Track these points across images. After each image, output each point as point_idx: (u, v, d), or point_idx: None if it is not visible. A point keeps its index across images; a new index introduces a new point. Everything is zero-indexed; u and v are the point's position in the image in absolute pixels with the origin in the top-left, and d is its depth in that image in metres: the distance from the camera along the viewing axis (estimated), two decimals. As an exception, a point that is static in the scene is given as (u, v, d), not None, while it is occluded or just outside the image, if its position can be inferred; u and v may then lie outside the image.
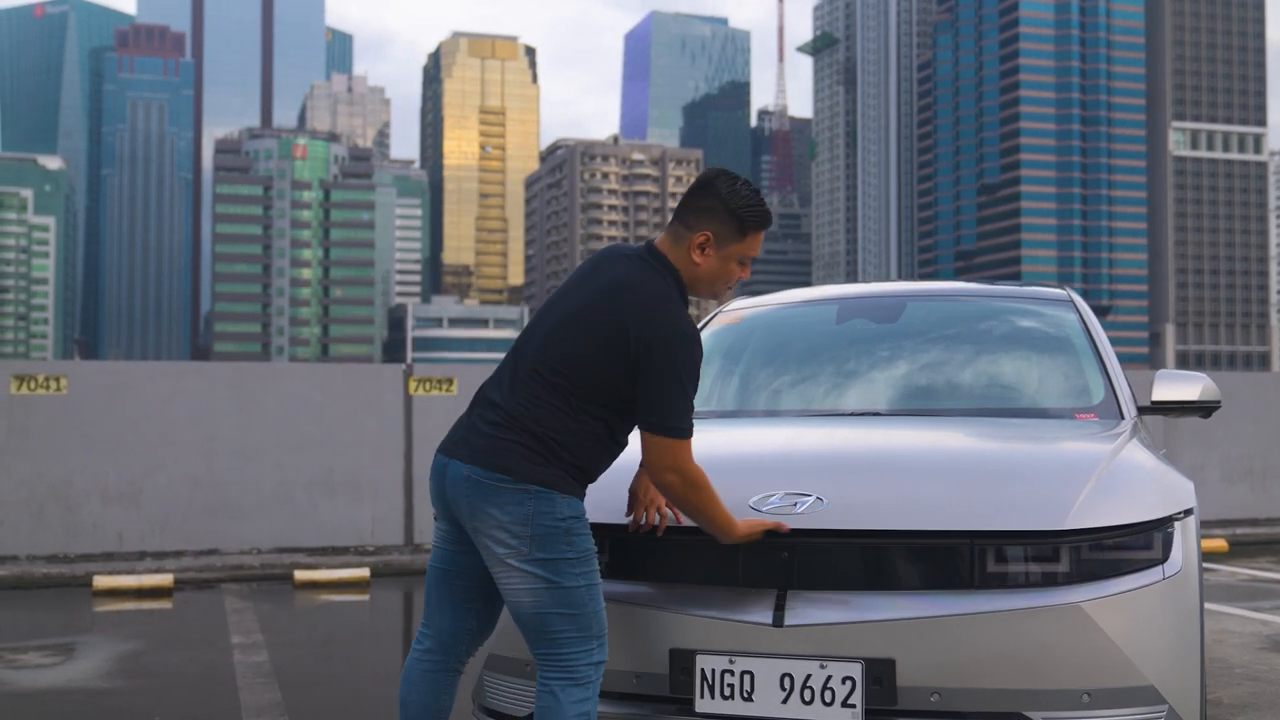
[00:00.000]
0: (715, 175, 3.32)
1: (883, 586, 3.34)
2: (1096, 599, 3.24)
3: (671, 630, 3.39)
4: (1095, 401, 4.42)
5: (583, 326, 3.23)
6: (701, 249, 3.25)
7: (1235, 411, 12.28)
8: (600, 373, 3.20)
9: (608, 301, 3.21)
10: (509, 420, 3.22)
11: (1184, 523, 3.55)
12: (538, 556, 3.17)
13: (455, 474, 3.23)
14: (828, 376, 4.89)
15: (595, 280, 3.30)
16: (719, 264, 3.29)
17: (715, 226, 3.25)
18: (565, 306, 3.30)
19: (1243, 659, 6.24)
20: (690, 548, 3.51)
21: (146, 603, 8.50)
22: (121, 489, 9.78)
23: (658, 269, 3.26)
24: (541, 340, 3.28)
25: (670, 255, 3.29)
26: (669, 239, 3.32)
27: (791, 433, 4.25)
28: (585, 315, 3.23)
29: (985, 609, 3.23)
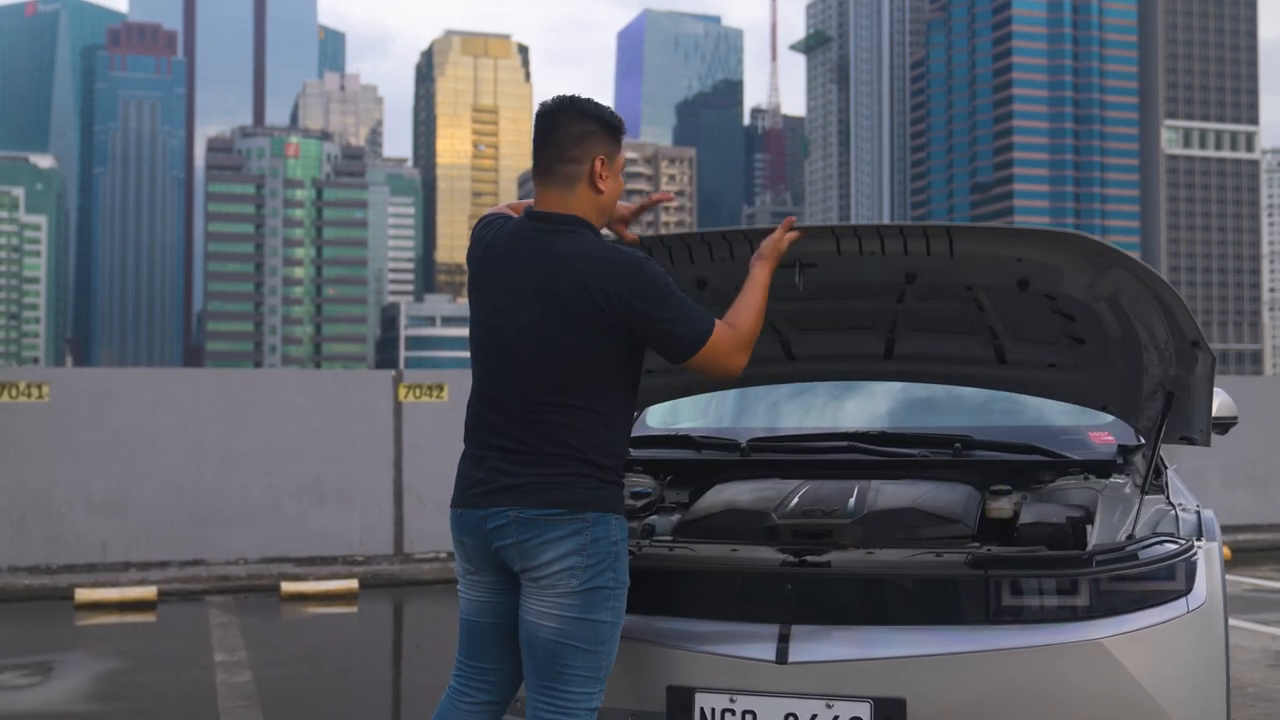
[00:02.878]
0: (567, 100, 3.08)
1: (892, 621, 3.16)
2: (1118, 635, 3.07)
3: (669, 666, 3.22)
4: (1108, 420, 4.24)
5: (560, 333, 2.97)
6: (601, 176, 3.05)
7: (1238, 416, 12.10)
8: (608, 361, 3.00)
9: (568, 294, 2.95)
10: (540, 454, 2.98)
11: (1207, 550, 3.37)
12: (585, 586, 2.96)
13: (499, 522, 2.99)
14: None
15: (526, 279, 3.02)
16: (615, 182, 3.10)
17: (601, 147, 3.05)
18: (518, 318, 3.02)
19: (1254, 677, 6.07)
20: (689, 579, 3.34)
21: (129, 616, 8.32)
22: (106, 498, 9.59)
23: (569, 227, 3.02)
24: (528, 362, 3.01)
25: (569, 207, 3.04)
26: (558, 191, 3.04)
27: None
28: (554, 321, 2.97)
29: (1001, 645, 3.06)
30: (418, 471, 10.17)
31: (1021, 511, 3.67)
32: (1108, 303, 3.46)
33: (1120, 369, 3.76)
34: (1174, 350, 3.50)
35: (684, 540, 3.67)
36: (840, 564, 3.27)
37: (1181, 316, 3.35)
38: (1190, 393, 3.60)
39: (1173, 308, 3.33)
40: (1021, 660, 3.04)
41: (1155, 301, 3.35)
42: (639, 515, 3.93)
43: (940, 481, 3.88)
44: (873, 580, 3.21)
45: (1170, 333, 3.43)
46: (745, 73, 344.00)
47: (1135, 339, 3.57)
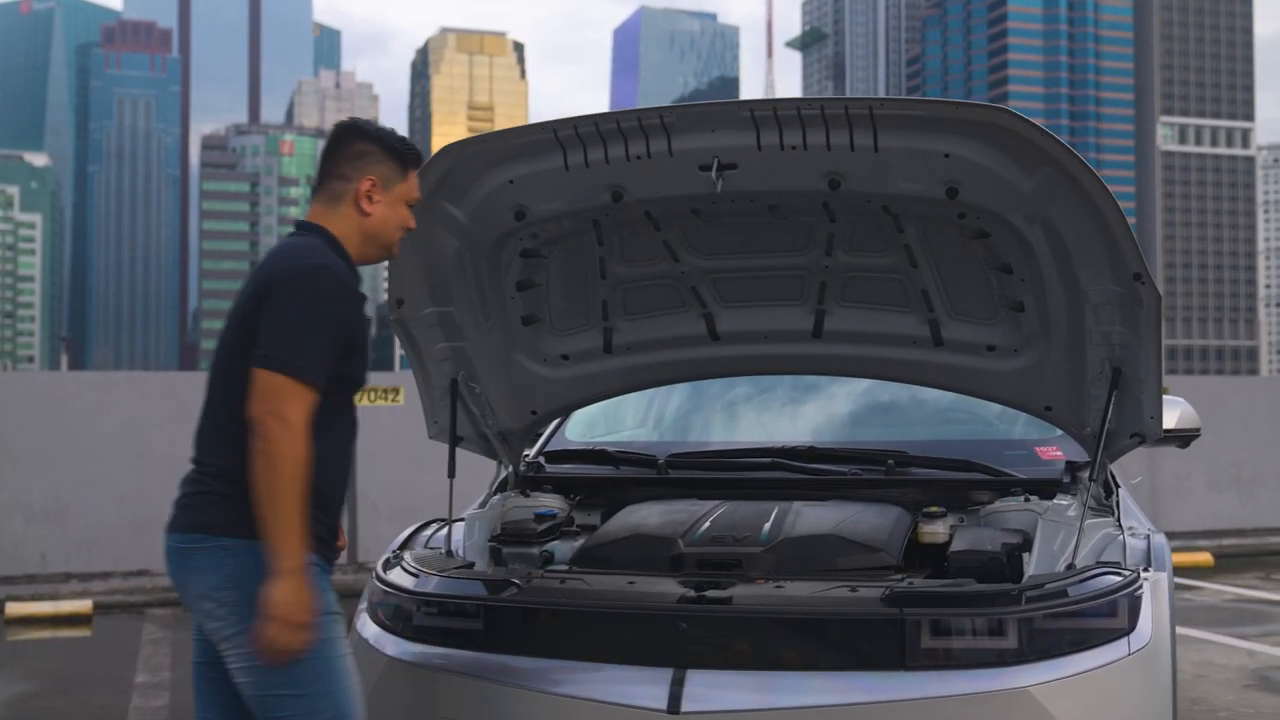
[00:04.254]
0: (354, 121, 2.94)
1: (798, 665, 2.82)
2: (1049, 682, 2.73)
3: (553, 714, 2.89)
4: (1057, 433, 3.89)
5: (232, 336, 2.73)
6: (369, 197, 2.84)
7: (1223, 418, 11.79)
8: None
9: (244, 294, 2.76)
10: (200, 471, 2.73)
11: (1155, 582, 3.03)
12: (242, 628, 2.61)
13: (166, 549, 2.76)
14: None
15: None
16: (389, 209, 2.87)
17: (378, 169, 2.85)
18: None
19: (1226, 699, 5.74)
20: (578, 616, 3.00)
21: (63, 631, 7.98)
22: (47, 507, 9.23)
23: (302, 232, 2.84)
24: (211, 372, 2.79)
25: (335, 226, 2.83)
26: (322, 205, 2.87)
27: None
28: (231, 326, 2.75)
29: (916, 695, 2.73)
30: (372, 478, 9.79)
31: (954, 538, 3.34)
32: (1043, 228, 3.15)
33: (1063, 344, 3.42)
34: (1116, 297, 3.18)
35: (581, 570, 3.34)
36: (742, 600, 2.93)
37: (1121, 237, 3.05)
38: (1138, 360, 3.28)
39: (1111, 223, 3.04)
40: (939, 711, 2.71)
41: (1091, 218, 3.04)
42: (538, 541, 3.60)
43: (869, 503, 3.55)
44: (775, 619, 2.87)
45: (1111, 267, 3.12)
46: (741, 70, 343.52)
47: (1076, 289, 3.24)
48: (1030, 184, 3.08)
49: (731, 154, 3.16)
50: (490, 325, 3.70)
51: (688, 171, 3.22)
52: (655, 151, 3.19)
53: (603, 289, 3.72)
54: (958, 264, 3.43)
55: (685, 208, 3.38)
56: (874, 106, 3.01)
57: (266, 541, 2.56)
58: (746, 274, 3.63)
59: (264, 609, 2.53)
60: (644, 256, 3.62)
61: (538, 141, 3.24)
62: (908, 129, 3.05)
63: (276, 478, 2.54)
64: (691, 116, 3.15)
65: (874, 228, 3.39)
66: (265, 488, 2.54)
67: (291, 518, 2.54)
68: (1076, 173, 3.00)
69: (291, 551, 2.54)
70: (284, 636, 2.53)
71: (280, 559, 2.54)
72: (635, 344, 3.85)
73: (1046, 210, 3.12)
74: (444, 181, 3.30)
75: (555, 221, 3.47)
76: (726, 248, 3.55)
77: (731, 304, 3.72)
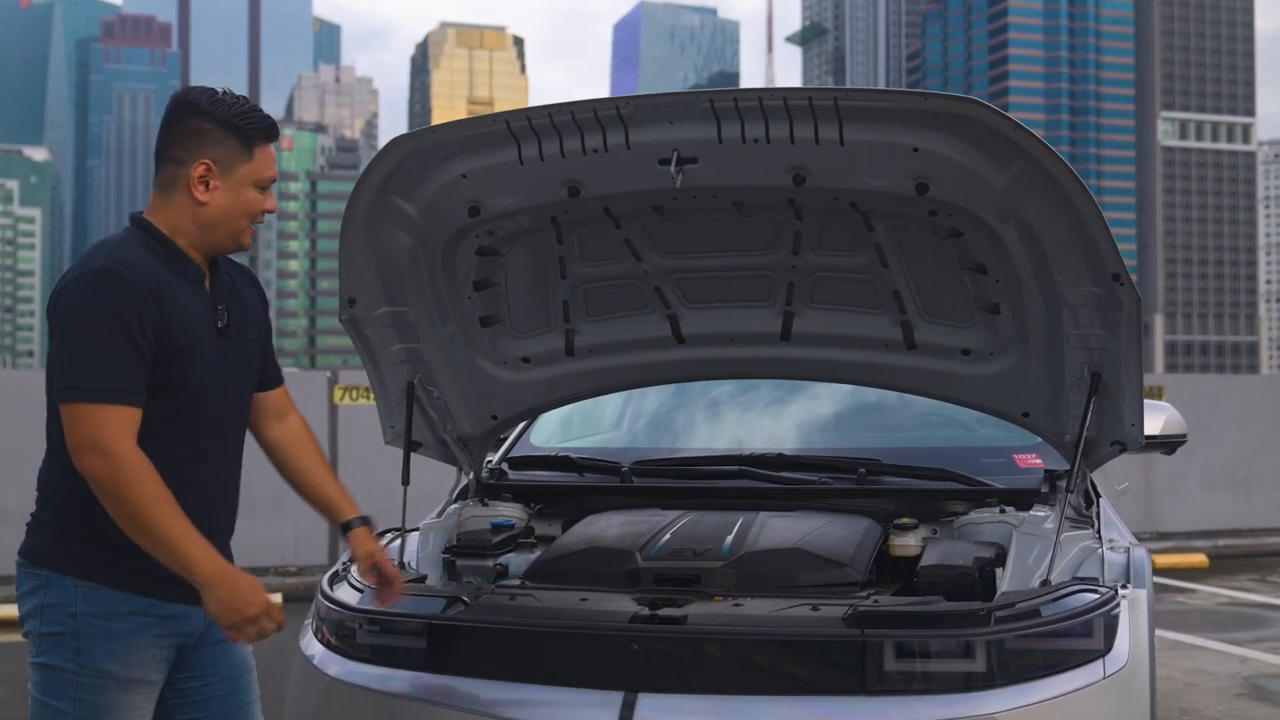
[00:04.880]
0: (187, 92, 2.61)
1: (755, 689, 2.67)
2: (1017, 708, 2.59)
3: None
4: (1036, 441, 3.74)
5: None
6: (205, 183, 2.55)
7: (1218, 417, 11.65)
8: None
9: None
10: (37, 497, 2.59)
11: (1134, 599, 2.88)
12: (37, 661, 2.47)
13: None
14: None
15: None
16: (231, 196, 2.57)
17: (212, 150, 2.55)
18: None
19: (1217, 709, 5.60)
20: (526, 635, 2.86)
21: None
22: (22, 508, 9.02)
23: (124, 231, 2.59)
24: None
25: (165, 216, 2.57)
26: (157, 193, 2.61)
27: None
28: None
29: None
30: (353, 477, 9.50)
31: (925, 551, 3.19)
32: (1017, 226, 3.00)
33: (1041, 348, 3.27)
34: (1094, 299, 3.04)
35: (534, 586, 3.19)
36: (696, 620, 2.78)
37: (1100, 236, 2.89)
38: (1118, 365, 3.13)
39: (1088, 222, 2.88)
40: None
41: (1068, 216, 2.89)
42: (493, 553, 3.45)
43: (839, 514, 3.40)
44: (730, 640, 2.72)
45: (1089, 268, 2.98)
46: (741, 64, 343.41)
47: (1053, 290, 3.09)
48: (1003, 180, 2.93)
49: (691, 147, 3.01)
50: (447, 326, 3.55)
51: (647, 166, 3.07)
52: (612, 145, 3.04)
53: (563, 289, 3.57)
54: (930, 264, 3.28)
55: (646, 204, 3.23)
56: (839, 97, 2.86)
57: (169, 562, 2.39)
58: (711, 274, 3.48)
59: (216, 620, 2.43)
60: (605, 255, 3.47)
61: (490, 133, 3.09)
62: (874, 121, 2.90)
63: (125, 508, 2.36)
64: (649, 108, 2.99)
65: (842, 226, 3.24)
66: (122, 521, 2.37)
67: (169, 535, 2.36)
68: (1052, 168, 2.85)
69: (196, 563, 2.38)
70: (250, 633, 2.42)
71: (191, 575, 2.39)
72: (598, 346, 3.70)
73: (1020, 208, 2.97)
74: (394, 175, 3.14)
75: (511, 218, 3.32)
76: (690, 246, 3.40)
77: (697, 305, 3.57)
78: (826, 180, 3.04)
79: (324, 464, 2.95)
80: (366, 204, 3.18)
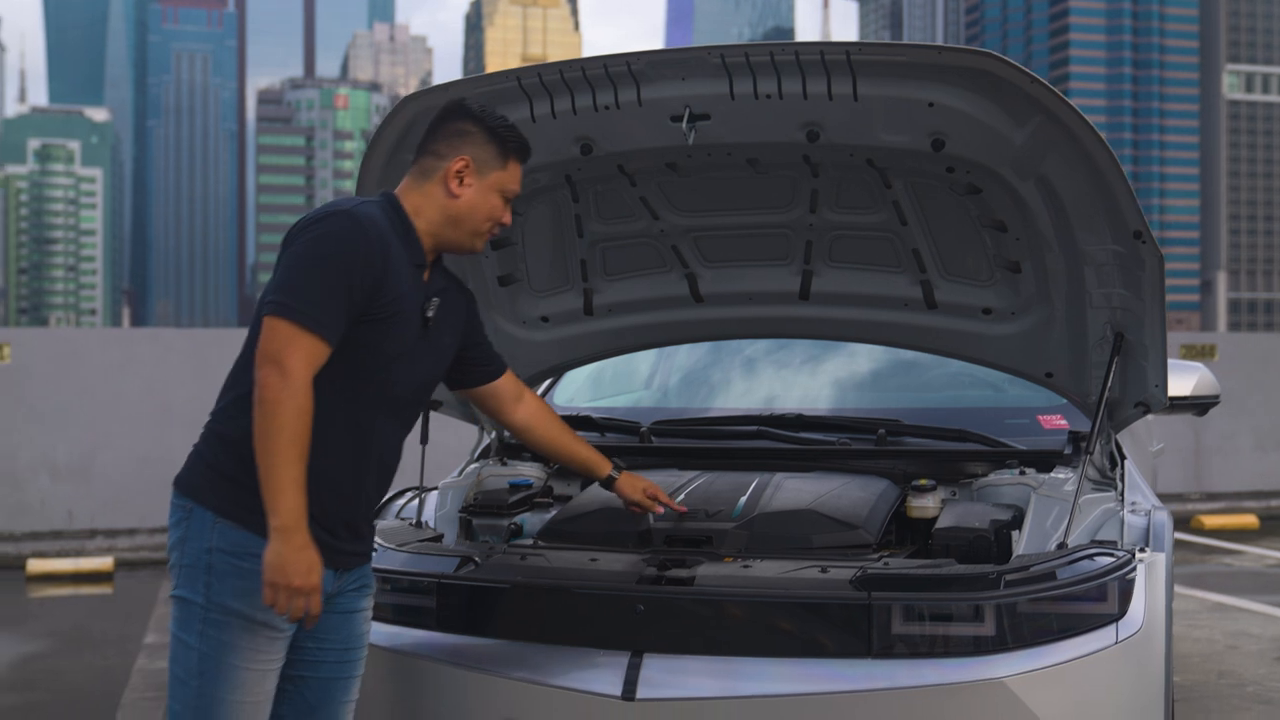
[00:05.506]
0: (462, 100, 2.77)
1: (761, 651, 2.66)
2: (1026, 673, 2.55)
3: (505, 699, 2.76)
4: (1061, 402, 3.68)
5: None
6: (460, 178, 2.66)
7: (1272, 375, 11.45)
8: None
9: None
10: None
11: (1151, 562, 2.83)
12: (175, 591, 2.52)
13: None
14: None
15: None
16: (481, 195, 2.68)
17: (473, 150, 2.68)
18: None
19: (1256, 673, 5.51)
20: (536, 594, 2.86)
21: (84, 588, 7.98)
22: (71, 464, 9.23)
23: (361, 198, 2.68)
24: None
25: (412, 199, 2.67)
26: (412, 180, 2.71)
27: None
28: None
29: (882, 685, 2.56)
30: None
31: (942, 513, 3.15)
32: (1036, 183, 2.95)
33: (1063, 308, 3.22)
34: (1116, 257, 2.98)
35: (546, 545, 3.19)
36: (704, 581, 2.77)
37: (1120, 193, 2.84)
38: (1141, 325, 3.08)
39: (1109, 178, 2.83)
40: (906, 703, 2.54)
41: (1088, 173, 2.84)
42: (509, 512, 3.45)
43: (856, 475, 3.36)
44: (736, 602, 2.70)
45: (1110, 225, 2.92)
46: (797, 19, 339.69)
47: (1074, 248, 3.03)
48: (1021, 135, 2.87)
49: (704, 103, 2.98)
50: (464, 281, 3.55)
51: (659, 122, 3.05)
52: (624, 101, 3.02)
53: (581, 248, 3.55)
54: (949, 222, 3.23)
55: (659, 161, 3.21)
56: (851, 52, 2.81)
57: (264, 495, 2.40)
58: (728, 232, 3.45)
59: (264, 569, 2.41)
60: (621, 213, 3.45)
61: (502, 90, 3.07)
62: (888, 76, 2.85)
63: (267, 426, 2.39)
64: (660, 64, 2.96)
65: (859, 183, 3.19)
66: (258, 436, 2.40)
67: (283, 472, 2.38)
68: (1071, 124, 2.79)
69: (282, 508, 2.38)
70: (282, 600, 2.39)
71: (271, 515, 2.39)
72: (617, 305, 3.68)
73: (1039, 164, 2.91)
74: (408, 133, 3.14)
75: (526, 176, 3.30)
76: (706, 204, 3.37)
77: (714, 264, 3.54)
78: (840, 136, 2.99)
79: (569, 430, 3.13)
80: (381, 162, 3.19)
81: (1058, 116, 2.79)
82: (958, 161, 2.98)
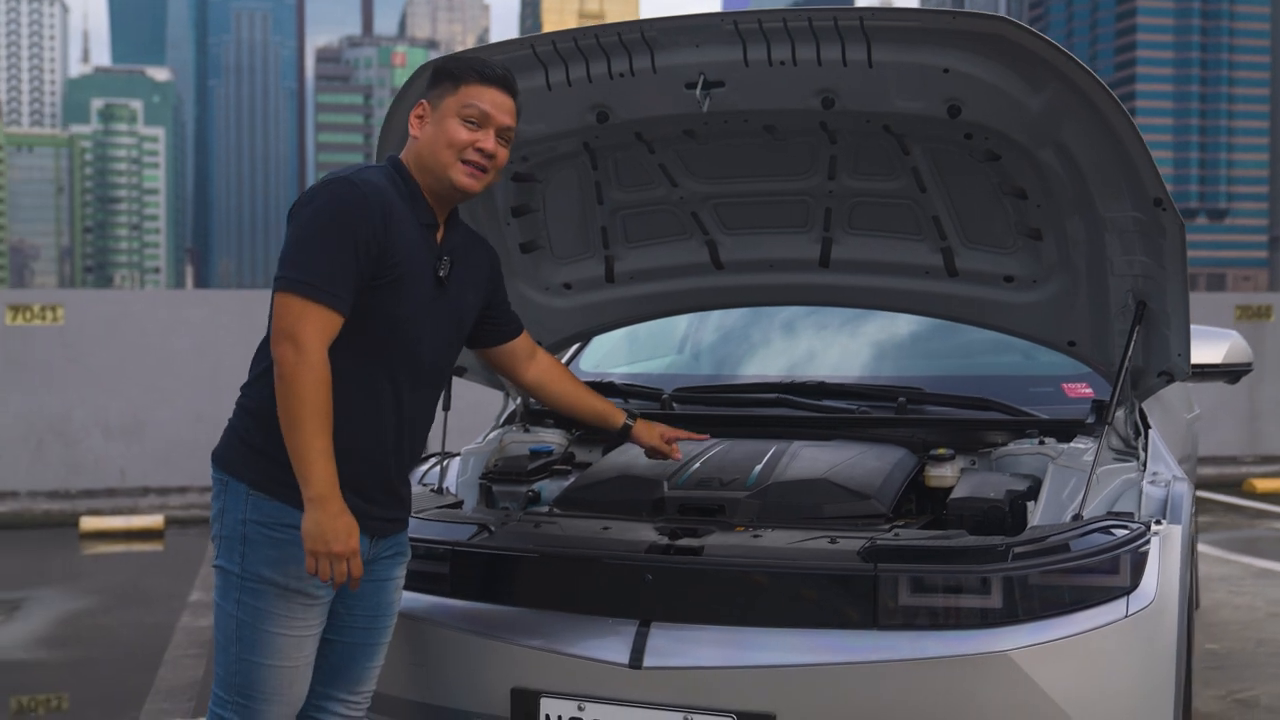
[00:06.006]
0: (433, 61, 2.83)
1: (767, 621, 2.67)
2: (1032, 646, 2.54)
3: (514, 666, 2.79)
4: (1086, 370, 3.63)
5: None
6: (420, 120, 2.70)
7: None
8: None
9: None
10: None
11: (1167, 535, 2.80)
12: (216, 562, 2.61)
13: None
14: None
15: None
16: (435, 126, 2.66)
17: (428, 93, 2.72)
18: None
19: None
20: (547, 562, 2.88)
21: (135, 545, 8.15)
22: (124, 423, 9.40)
23: (364, 164, 2.73)
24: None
25: (405, 160, 2.72)
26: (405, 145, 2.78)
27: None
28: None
29: (886, 656, 2.56)
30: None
31: (958, 483, 3.14)
32: (1054, 150, 2.92)
33: (1085, 275, 3.19)
34: (1137, 224, 2.95)
35: (561, 513, 3.21)
36: (713, 551, 2.78)
37: (1140, 160, 2.80)
38: (1164, 293, 3.04)
39: (1128, 145, 2.80)
40: (910, 676, 2.54)
41: (1107, 139, 2.81)
42: (528, 479, 3.47)
43: (875, 444, 3.35)
44: (743, 572, 2.71)
45: (1130, 192, 2.89)
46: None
47: (1095, 215, 3.00)
48: (1038, 102, 2.83)
49: (718, 70, 2.96)
50: None
51: (674, 90, 3.03)
52: (638, 69, 3.00)
53: (601, 215, 3.55)
54: (969, 189, 3.19)
55: (676, 129, 3.19)
56: (865, 17, 2.78)
57: (295, 469, 2.45)
58: (748, 199, 3.43)
59: (303, 539, 2.46)
60: (640, 181, 3.44)
61: (517, 58, 3.07)
62: (902, 42, 2.82)
63: (289, 401, 2.44)
64: (673, 30, 2.95)
65: (878, 150, 3.16)
66: (282, 412, 2.45)
67: (310, 443, 2.42)
68: (1088, 90, 2.75)
69: (314, 478, 2.43)
70: (324, 567, 2.44)
71: (304, 486, 2.45)
72: (638, 273, 3.68)
73: (1057, 131, 2.86)
74: None
75: (543, 144, 3.30)
76: (725, 171, 3.35)
77: (734, 231, 3.52)
78: (856, 103, 2.97)
79: (582, 385, 3.20)
80: (400, 128, 3.19)
81: (1074, 82, 2.74)
82: (975, 128, 2.94)
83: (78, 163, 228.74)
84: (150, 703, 4.73)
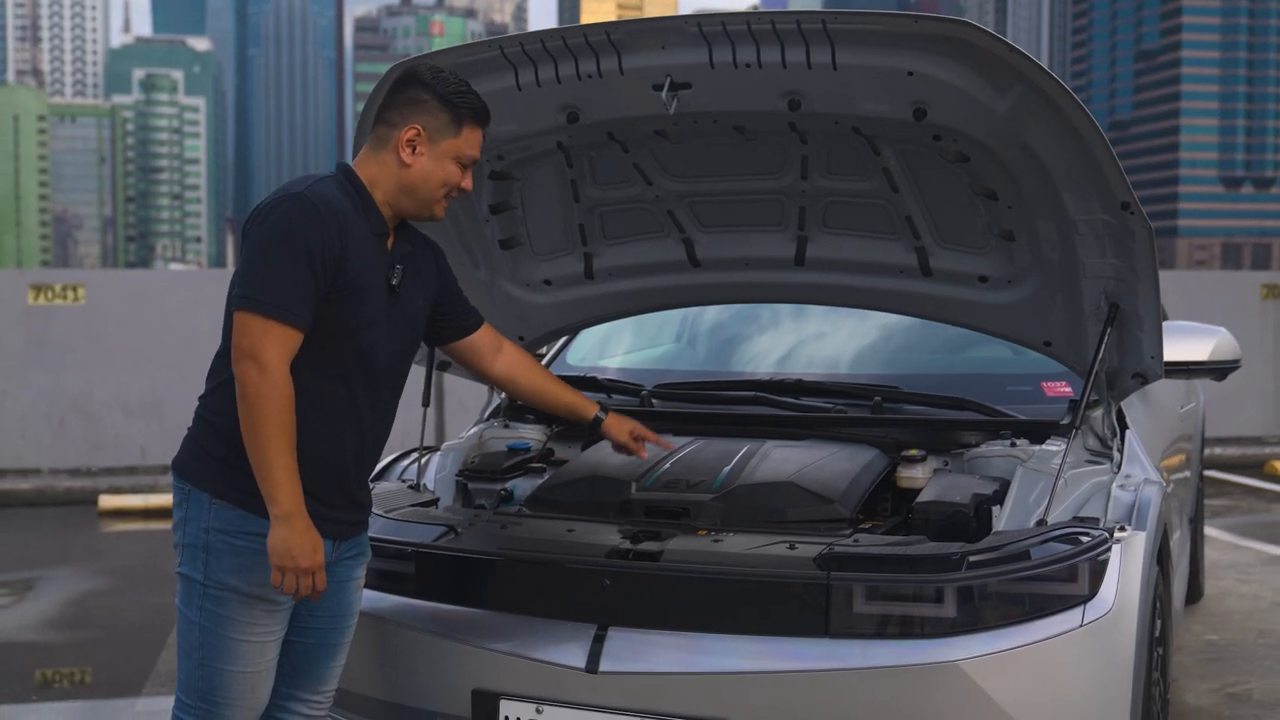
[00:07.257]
0: (416, 64, 2.79)
1: (723, 628, 2.68)
2: (983, 656, 2.54)
3: (476, 667, 2.82)
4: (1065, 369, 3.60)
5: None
6: (412, 146, 2.66)
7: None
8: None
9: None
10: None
11: (1130, 542, 2.79)
12: (178, 570, 2.64)
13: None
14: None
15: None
16: (434, 163, 2.67)
17: (425, 119, 2.66)
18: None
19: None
20: (509, 565, 2.90)
21: (155, 523, 8.24)
22: (144, 401, 9.51)
23: (317, 175, 2.69)
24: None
25: (368, 169, 2.68)
26: (369, 150, 2.72)
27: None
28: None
29: (837, 665, 2.57)
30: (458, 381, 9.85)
31: (926, 486, 3.13)
32: (1021, 152, 2.91)
33: (1058, 276, 3.18)
34: (1106, 227, 2.94)
35: (529, 514, 3.23)
36: (671, 556, 2.79)
37: (1106, 164, 2.80)
38: (1135, 295, 3.03)
39: (1094, 149, 2.79)
40: (860, 684, 2.55)
41: (1072, 143, 2.81)
42: (503, 476, 3.49)
43: (847, 444, 3.34)
44: (698, 578, 2.72)
45: (1098, 195, 2.89)
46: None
47: (1065, 217, 2.99)
48: (1004, 104, 2.81)
49: (684, 72, 2.97)
50: (468, 248, 3.59)
51: (642, 91, 3.04)
52: (606, 70, 3.01)
53: (579, 212, 3.56)
54: (942, 189, 3.18)
55: (647, 129, 3.20)
56: (827, 20, 2.77)
57: (261, 486, 2.49)
58: (723, 198, 3.43)
59: (269, 554, 2.50)
60: (615, 179, 3.45)
61: (486, 60, 3.08)
62: (866, 45, 2.81)
63: (254, 420, 2.47)
64: (639, 32, 2.95)
65: (849, 150, 3.15)
66: (246, 431, 2.49)
67: (276, 461, 2.46)
68: (1052, 93, 2.73)
69: (281, 497, 2.47)
70: (289, 582, 2.49)
71: (271, 505, 2.49)
72: (616, 269, 3.69)
73: (1022, 133, 2.85)
74: None
75: (517, 143, 3.32)
76: (699, 170, 3.35)
77: (710, 229, 3.52)
78: (823, 105, 2.96)
79: (552, 377, 3.21)
80: (370, 131, 3.20)
81: (1038, 85, 2.73)
82: (942, 130, 2.93)
83: (119, 133, 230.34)
84: (150, 685, 4.81)
